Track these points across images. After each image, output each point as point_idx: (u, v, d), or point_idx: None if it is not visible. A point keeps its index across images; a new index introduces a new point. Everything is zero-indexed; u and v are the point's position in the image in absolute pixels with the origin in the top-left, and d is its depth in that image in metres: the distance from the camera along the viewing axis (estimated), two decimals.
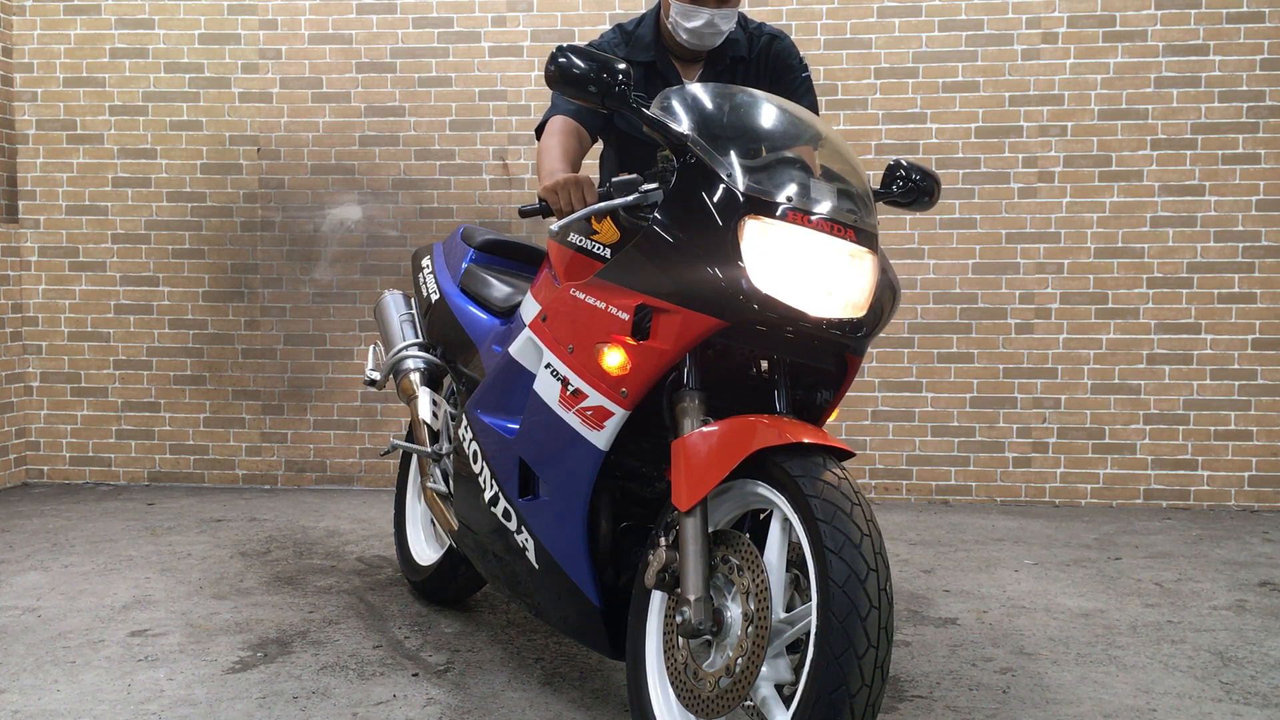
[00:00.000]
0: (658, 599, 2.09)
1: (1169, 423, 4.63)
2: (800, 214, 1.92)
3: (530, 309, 2.42)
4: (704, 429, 1.95)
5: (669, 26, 2.64)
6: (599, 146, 2.88)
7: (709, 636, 1.92)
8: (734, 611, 1.90)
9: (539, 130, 2.67)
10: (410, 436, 3.18)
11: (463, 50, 4.83)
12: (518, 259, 3.06)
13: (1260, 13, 4.53)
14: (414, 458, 3.30)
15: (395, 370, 3.12)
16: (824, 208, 1.95)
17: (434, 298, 3.04)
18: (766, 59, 2.72)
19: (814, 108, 2.73)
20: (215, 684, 2.54)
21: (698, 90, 2.14)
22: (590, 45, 2.73)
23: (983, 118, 4.65)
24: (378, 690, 2.50)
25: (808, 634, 1.77)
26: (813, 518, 1.76)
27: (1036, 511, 4.56)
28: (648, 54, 2.69)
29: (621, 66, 2.01)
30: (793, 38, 2.81)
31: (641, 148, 2.61)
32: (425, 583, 3.16)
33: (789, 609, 1.87)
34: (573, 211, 2.19)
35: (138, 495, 4.79)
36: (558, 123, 2.59)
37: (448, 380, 3.11)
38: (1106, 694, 2.50)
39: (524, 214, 2.24)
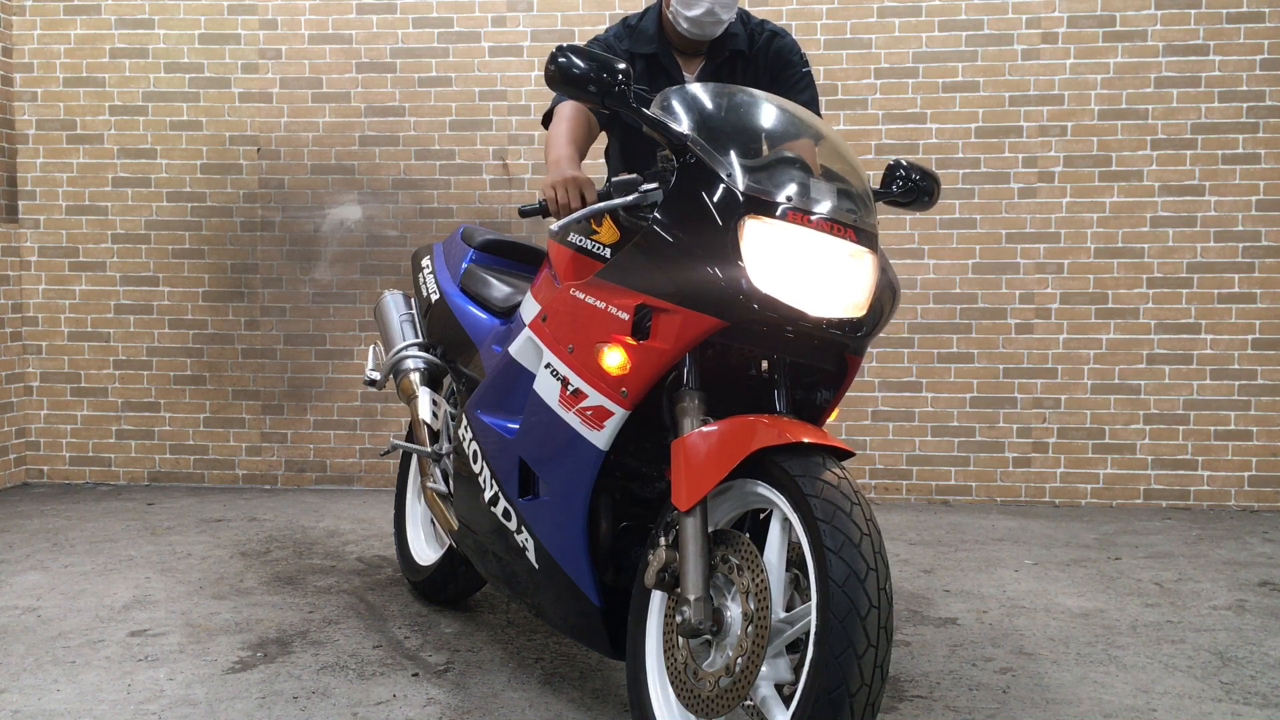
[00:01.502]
0: (658, 599, 2.09)
1: (1169, 423, 4.63)
2: (800, 214, 1.92)
3: (530, 309, 2.42)
4: (704, 429, 1.95)
5: (670, 17, 2.65)
6: (602, 146, 2.89)
7: (709, 636, 1.92)
8: (734, 611, 1.90)
9: (547, 117, 2.68)
10: (410, 436, 3.18)
11: (463, 50, 4.83)
12: (518, 259, 3.07)
13: (1260, 13, 4.53)
14: (414, 458, 3.30)
15: (395, 370, 3.12)
16: (824, 207, 1.95)
17: (434, 298, 3.04)
18: (767, 54, 2.73)
19: (815, 102, 2.74)
20: (215, 684, 2.54)
21: (698, 90, 2.15)
22: (595, 39, 2.74)
23: (983, 118, 4.65)
24: (378, 690, 2.50)
25: (808, 633, 1.77)
26: (812, 517, 1.76)
27: (1036, 511, 4.56)
28: (650, 46, 2.71)
29: (621, 66, 2.01)
30: (793, 37, 2.83)
31: (646, 141, 2.62)
32: (425, 583, 3.16)
33: (789, 609, 1.87)
34: (569, 210, 2.20)
35: (138, 495, 4.79)
36: (567, 108, 2.59)
37: (448, 380, 3.11)
38: (1106, 694, 2.50)
39: (524, 214, 2.24)
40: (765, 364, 2.16)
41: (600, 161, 3.00)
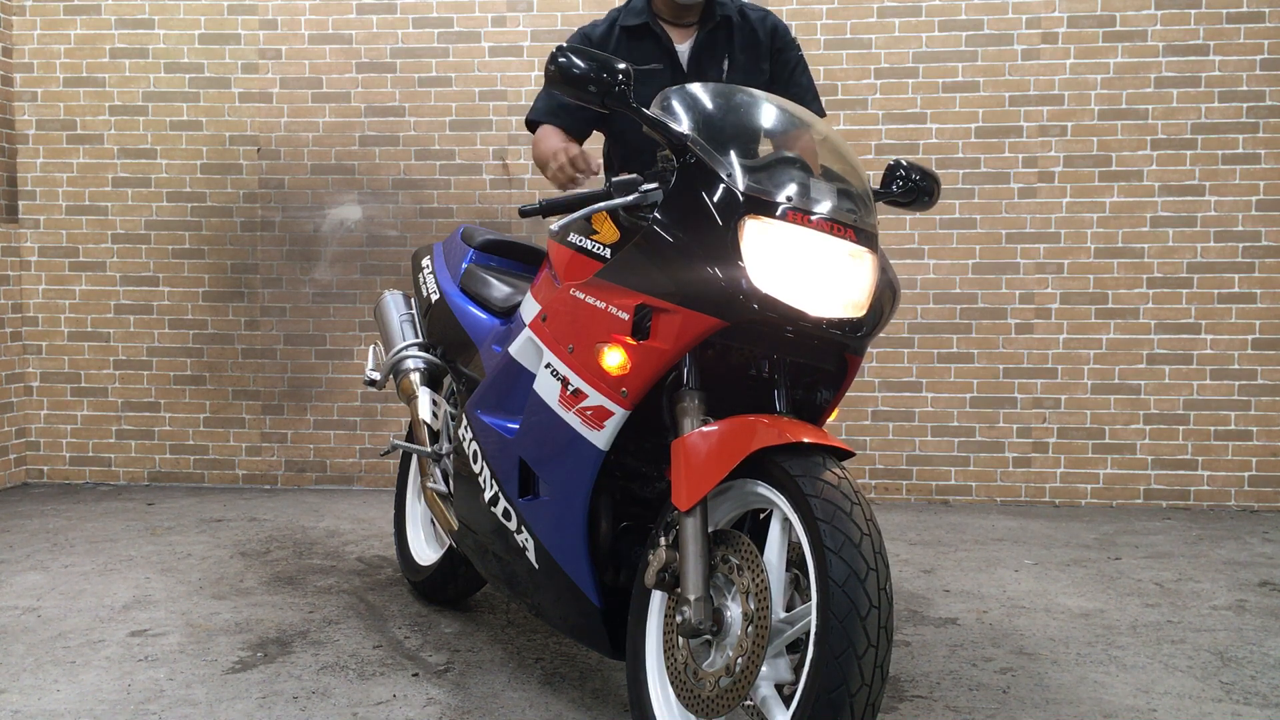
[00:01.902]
0: (658, 599, 2.09)
1: (1169, 423, 4.63)
2: (800, 214, 1.92)
3: (530, 309, 2.42)
4: (704, 429, 1.95)
5: None
6: (601, 146, 2.90)
7: (709, 636, 1.92)
8: (734, 611, 1.90)
9: (531, 125, 2.75)
10: (410, 436, 3.18)
11: (463, 50, 4.83)
12: (518, 259, 3.07)
13: (1260, 13, 4.53)
14: (414, 458, 3.30)
15: (395, 370, 3.12)
16: (824, 207, 1.95)
17: (434, 298, 3.04)
18: (764, 27, 2.77)
19: (813, 86, 2.80)
20: (215, 684, 2.54)
21: (698, 90, 2.15)
22: (579, 29, 2.77)
23: (983, 118, 4.65)
24: (378, 690, 2.50)
25: (808, 634, 1.77)
26: (812, 517, 1.76)
27: (1036, 511, 4.56)
28: (639, 18, 2.73)
29: (621, 66, 2.02)
30: (792, 37, 2.85)
31: (647, 141, 2.66)
32: (425, 583, 3.16)
33: (789, 609, 1.87)
34: (570, 174, 2.37)
35: (138, 495, 4.79)
36: (546, 130, 2.68)
37: (448, 380, 3.11)
38: (1106, 694, 2.50)
39: (524, 214, 2.24)
40: (765, 364, 2.16)
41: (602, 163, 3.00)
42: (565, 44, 2.05)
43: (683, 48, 2.71)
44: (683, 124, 2.03)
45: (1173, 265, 4.60)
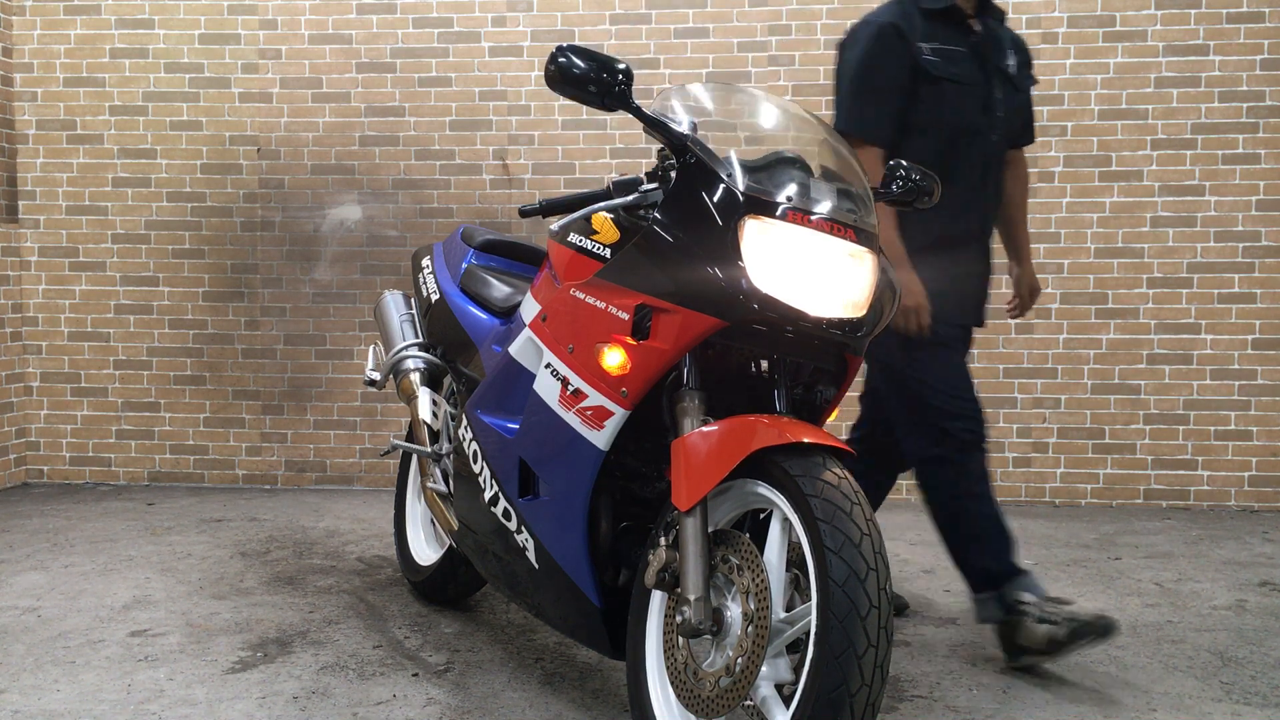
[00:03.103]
0: (658, 599, 2.09)
1: (1169, 423, 4.63)
2: (800, 214, 1.92)
3: (530, 309, 2.42)
4: (704, 429, 1.95)
5: None
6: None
7: (709, 636, 1.92)
8: (734, 611, 1.90)
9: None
10: (410, 436, 3.18)
11: (463, 50, 4.83)
12: (518, 259, 3.07)
13: (1260, 13, 4.53)
14: (414, 458, 3.30)
15: (395, 370, 3.12)
16: (824, 207, 1.95)
17: (434, 298, 3.04)
18: (1018, 37, 2.93)
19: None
20: (215, 684, 2.54)
21: (698, 89, 2.15)
22: (879, 16, 2.78)
23: None
24: (378, 690, 2.50)
25: (808, 634, 1.77)
26: (812, 517, 1.76)
27: (1036, 511, 4.56)
28: (943, 2, 2.78)
29: (621, 66, 2.02)
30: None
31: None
32: (425, 583, 3.16)
33: (789, 609, 1.87)
34: (914, 326, 2.64)
35: (138, 495, 4.79)
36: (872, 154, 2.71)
37: (448, 380, 3.11)
38: (1106, 694, 2.50)
39: (524, 214, 2.24)
40: (765, 364, 2.16)
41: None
42: (567, 44, 2.05)
43: (976, 25, 2.81)
44: (683, 124, 2.03)
45: (1173, 265, 4.60)
